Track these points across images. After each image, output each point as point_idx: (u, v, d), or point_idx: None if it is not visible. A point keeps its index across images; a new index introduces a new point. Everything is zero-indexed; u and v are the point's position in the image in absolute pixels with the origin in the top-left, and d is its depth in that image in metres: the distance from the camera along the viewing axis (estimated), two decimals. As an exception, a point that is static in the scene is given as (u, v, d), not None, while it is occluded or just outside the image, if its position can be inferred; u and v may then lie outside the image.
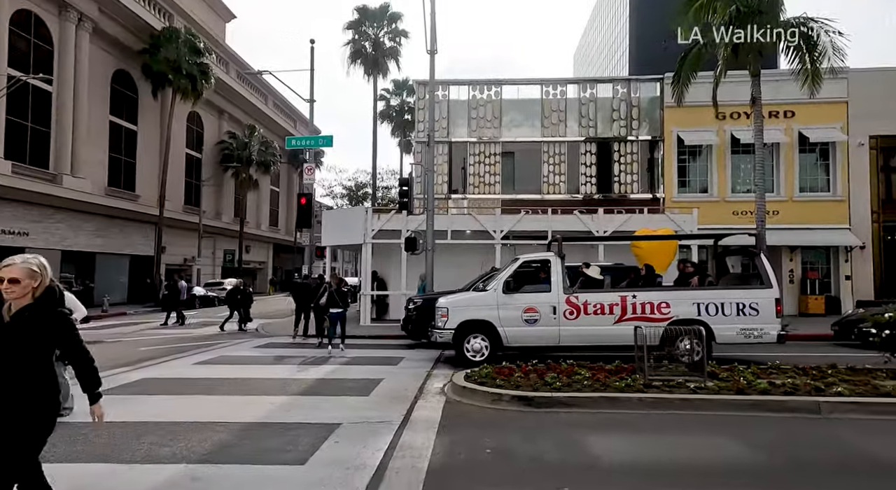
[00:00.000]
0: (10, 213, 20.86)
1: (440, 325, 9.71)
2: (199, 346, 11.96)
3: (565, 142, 21.43)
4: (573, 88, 21.78)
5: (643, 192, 21.30)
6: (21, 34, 21.19)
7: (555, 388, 6.36)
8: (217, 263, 37.44)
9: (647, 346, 6.87)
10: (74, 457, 4.54)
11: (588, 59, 75.44)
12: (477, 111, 21.37)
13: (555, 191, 21.40)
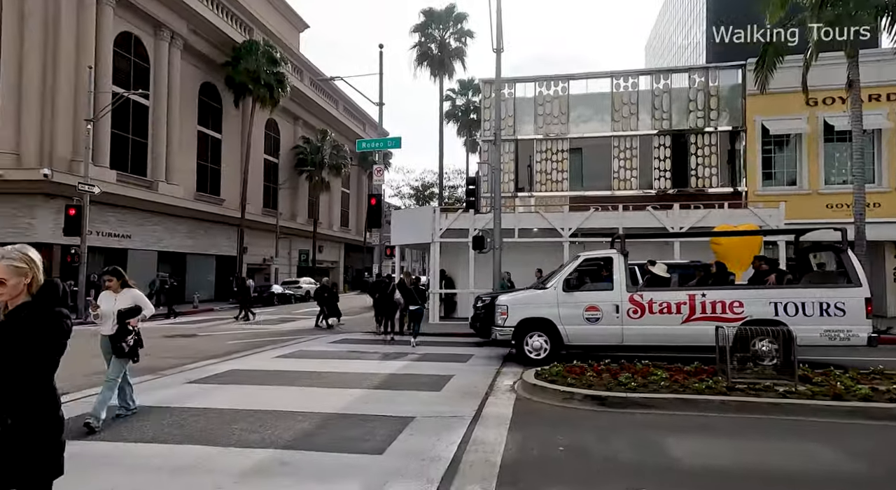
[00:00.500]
0: (115, 218, 22.98)
1: (500, 322, 9.72)
2: (278, 340, 12.65)
3: (637, 135, 20.68)
4: (645, 80, 20.96)
5: (723, 185, 20.15)
6: (123, 54, 23.29)
7: (629, 389, 6.20)
8: (293, 263, 39.33)
9: (728, 348, 6.53)
10: (177, 438, 4.97)
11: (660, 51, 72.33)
12: (543, 108, 21.08)
13: (626, 187, 20.70)
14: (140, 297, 5.64)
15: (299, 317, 19.98)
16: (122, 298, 5.56)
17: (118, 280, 5.62)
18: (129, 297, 5.58)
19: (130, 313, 5.46)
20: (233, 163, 31.20)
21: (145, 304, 5.62)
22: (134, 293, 5.64)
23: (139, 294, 5.67)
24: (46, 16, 19.92)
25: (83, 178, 18.74)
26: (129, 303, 5.53)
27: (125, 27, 23.25)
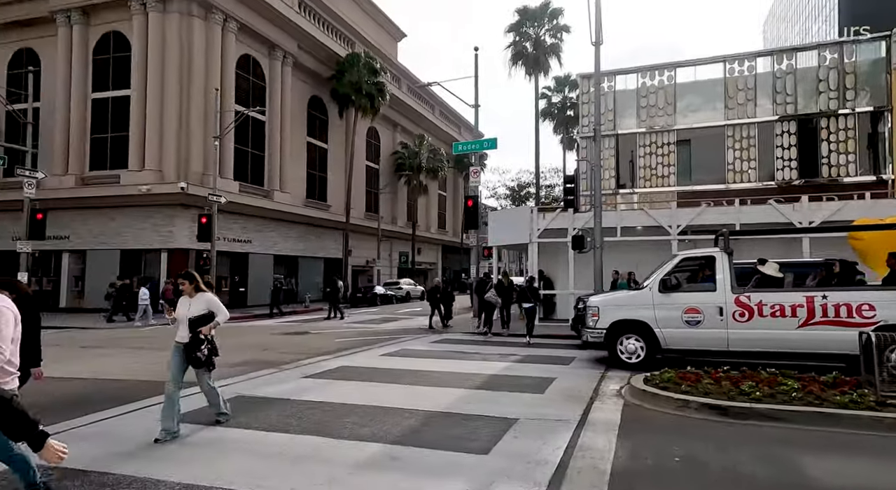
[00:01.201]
0: (238, 225, 25.31)
1: (591, 324, 9.34)
2: (383, 339, 13.17)
3: (755, 123, 18.92)
4: (764, 62, 19.13)
5: (863, 173, 17.82)
6: (243, 75, 25.64)
7: (754, 399, 5.66)
8: (393, 265, 40.82)
9: (878, 357, 5.73)
10: (296, 429, 5.33)
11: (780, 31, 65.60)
12: (647, 99, 19.99)
13: (742, 179, 19.02)
14: (214, 302, 5.25)
15: (401, 317, 20.67)
16: (196, 304, 5.18)
17: (191, 283, 5.24)
18: (202, 302, 5.19)
19: (202, 321, 5.11)
20: (338, 170, 33.07)
21: (219, 309, 5.22)
22: (208, 298, 5.24)
23: (214, 299, 5.27)
24: (182, 46, 22.44)
25: (212, 190, 20.87)
26: (202, 309, 5.16)
27: (245, 50, 25.56)
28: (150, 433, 5.05)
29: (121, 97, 23.05)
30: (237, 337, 14.02)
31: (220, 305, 5.24)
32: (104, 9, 22.92)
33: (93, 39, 23.41)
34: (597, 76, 14.46)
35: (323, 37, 29.88)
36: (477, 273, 19.14)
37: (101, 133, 23.43)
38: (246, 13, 24.69)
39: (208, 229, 20.69)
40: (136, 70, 22.50)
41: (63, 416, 5.72)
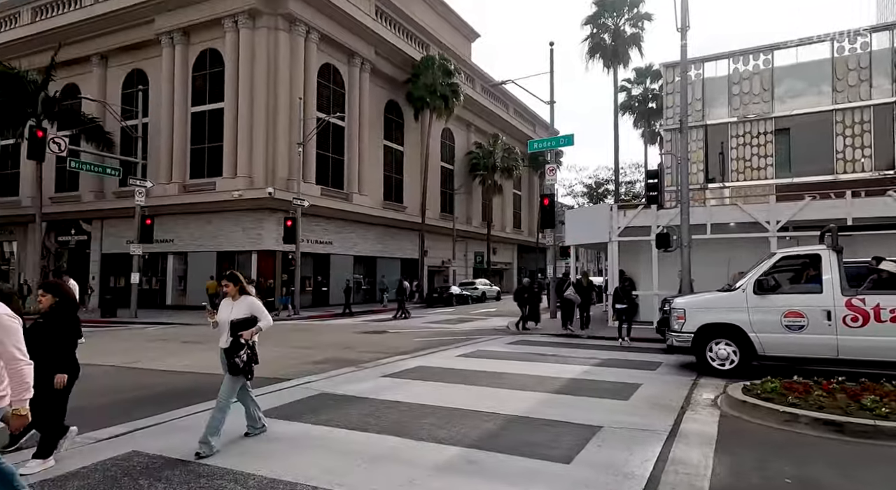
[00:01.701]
0: (320, 227, 26.41)
1: (676, 327, 8.70)
2: (459, 340, 13.16)
3: (870, 106, 16.98)
4: (882, 37, 17.12)
5: None
6: (324, 83, 26.72)
7: (879, 415, 5.00)
8: (469, 265, 40.89)
9: None
10: (374, 428, 5.38)
11: None
12: (740, 86, 18.55)
13: (854, 168, 17.14)
14: (257, 306, 4.95)
15: (476, 317, 20.61)
16: (238, 307, 4.91)
17: (235, 285, 4.98)
18: (245, 305, 4.91)
19: (244, 325, 4.81)
20: (413, 172, 33.63)
21: (262, 314, 4.92)
22: (251, 301, 4.95)
23: (256, 302, 4.97)
24: (269, 59, 23.75)
25: (296, 194, 21.93)
26: (244, 312, 4.87)
27: (326, 60, 26.64)
28: (242, 427, 5.31)
29: (216, 110, 24.81)
30: (320, 335, 14.59)
31: (263, 309, 4.96)
32: (202, 28, 24.78)
33: (192, 57, 25.39)
34: (683, 64, 13.58)
35: (398, 42, 30.53)
36: (554, 273, 18.67)
37: (200, 144, 25.35)
38: (326, 23, 25.72)
39: (293, 232, 21.75)
40: (229, 84, 24.11)
41: (164, 407, 6.16)
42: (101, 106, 25.16)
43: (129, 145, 25.11)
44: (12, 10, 29.96)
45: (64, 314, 4.41)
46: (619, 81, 34.94)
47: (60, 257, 28.71)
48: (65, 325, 4.41)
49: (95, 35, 26.85)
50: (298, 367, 8.96)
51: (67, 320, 4.43)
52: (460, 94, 32.14)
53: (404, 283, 21.28)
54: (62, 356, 4.37)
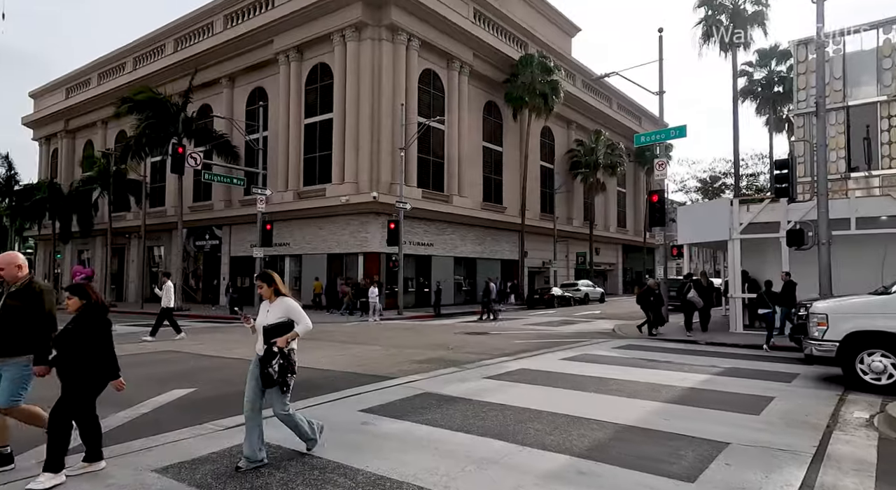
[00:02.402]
0: (421, 229, 27.06)
1: (816, 335, 7.64)
2: (562, 343, 12.73)
3: None
4: None
5: None
6: (424, 88, 27.39)
7: None
8: (570, 265, 39.69)
9: None
10: (479, 430, 5.30)
11: None
12: (892, 59, 16.09)
13: None
14: (294, 308, 4.41)
15: (579, 320, 19.88)
16: (274, 310, 4.42)
17: (269, 286, 4.46)
18: (280, 308, 4.41)
19: (278, 330, 4.30)
20: (512, 172, 33.35)
21: (300, 317, 4.37)
22: (287, 304, 4.43)
23: (293, 305, 4.43)
24: (373, 68, 24.80)
25: (399, 198, 22.66)
26: (279, 316, 4.38)
27: (426, 65, 27.29)
28: (351, 422, 5.50)
29: (326, 120, 26.41)
30: (421, 335, 14.88)
31: (300, 312, 4.40)
32: (313, 45, 26.52)
33: (304, 72, 27.26)
34: (819, 39, 12.04)
35: (497, 43, 30.48)
36: (665, 274, 17.46)
37: (311, 153, 27.12)
38: (426, 30, 26.36)
39: (396, 234, 22.50)
40: (337, 95, 25.54)
41: (283, 398, 6.56)
42: (228, 123, 27.87)
43: (251, 157, 27.51)
44: (158, 44, 34.21)
45: (92, 317, 4.15)
46: (738, 65, 31.94)
47: (197, 260, 32.17)
48: (94, 327, 4.13)
49: (224, 59, 29.79)
50: (402, 367, 9.16)
51: (97, 323, 4.15)
52: (560, 91, 31.33)
53: (490, 285, 21.23)
54: (97, 359, 4.08)
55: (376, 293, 20.67)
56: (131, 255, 35.20)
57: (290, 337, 4.32)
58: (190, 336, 14.26)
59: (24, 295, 4.14)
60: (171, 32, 33.35)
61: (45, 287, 4.30)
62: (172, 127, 25.00)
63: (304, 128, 27.33)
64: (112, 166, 30.19)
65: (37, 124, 43.64)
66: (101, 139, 37.72)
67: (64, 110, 40.29)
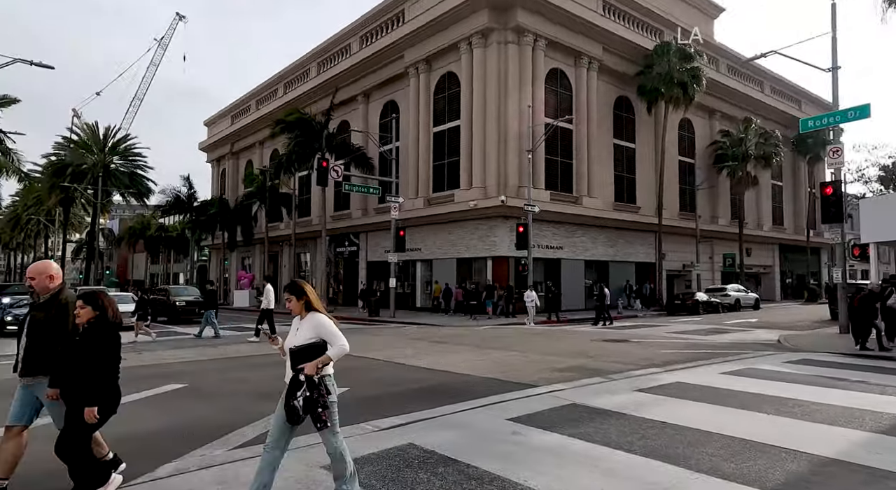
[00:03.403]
0: (549, 232, 26.41)
1: None
2: (717, 354, 11.46)
3: None
4: None
5: None
6: (551, 88, 26.79)
7: None
8: (716, 268, 36.11)
9: None
10: (641, 450, 4.84)
11: None
12: None
13: None
14: (326, 326, 3.57)
15: (732, 329, 17.86)
16: (303, 328, 3.63)
17: (299, 299, 3.66)
18: (310, 326, 3.60)
19: (307, 353, 3.48)
20: (647, 170, 31.26)
21: (333, 337, 3.55)
22: (318, 320, 3.60)
23: (325, 322, 3.59)
24: (499, 72, 24.81)
25: (527, 201, 22.33)
26: (309, 336, 3.56)
27: (552, 65, 26.69)
28: (499, 432, 5.37)
29: (453, 127, 26.98)
30: (556, 341, 14.39)
31: (334, 331, 3.56)
32: (441, 55, 27.30)
33: (433, 82, 28.15)
34: None
35: (629, 34, 28.88)
36: (844, 277, 14.96)
37: (440, 160, 27.89)
38: (553, 29, 25.79)
39: (525, 238, 22.19)
40: (464, 102, 25.96)
41: (430, 403, 6.64)
42: (364, 136, 29.76)
43: (385, 167, 29.05)
44: (304, 69, 37.76)
45: (102, 332, 3.55)
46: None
47: (338, 265, 34.74)
48: (103, 345, 3.52)
49: (360, 77, 31.89)
50: (542, 374, 8.85)
51: (106, 339, 3.54)
52: (702, 78, 28.72)
53: (605, 289, 20.47)
54: (97, 383, 3.48)
55: (533, 297, 20.58)
56: (284, 261, 39.07)
57: (322, 362, 3.46)
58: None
59: (49, 307, 3.76)
60: (315, 57, 36.57)
61: (72, 299, 3.79)
62: (317, 143, 27.28)
63: (433, 136, 28.18)
64: (267, 182, 33.83)
65: (209, 149, 50.50)
66: (259, 158, 42.48)
67: (230, 135, 46.10)
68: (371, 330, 18.41)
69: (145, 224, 58.93)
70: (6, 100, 22.97)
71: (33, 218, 53.70)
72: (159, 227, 57.91)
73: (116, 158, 43.14)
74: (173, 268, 61.50)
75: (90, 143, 42.87)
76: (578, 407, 6.47)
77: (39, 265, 3.97)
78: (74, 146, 42.88)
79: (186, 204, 40.77)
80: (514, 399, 6.91)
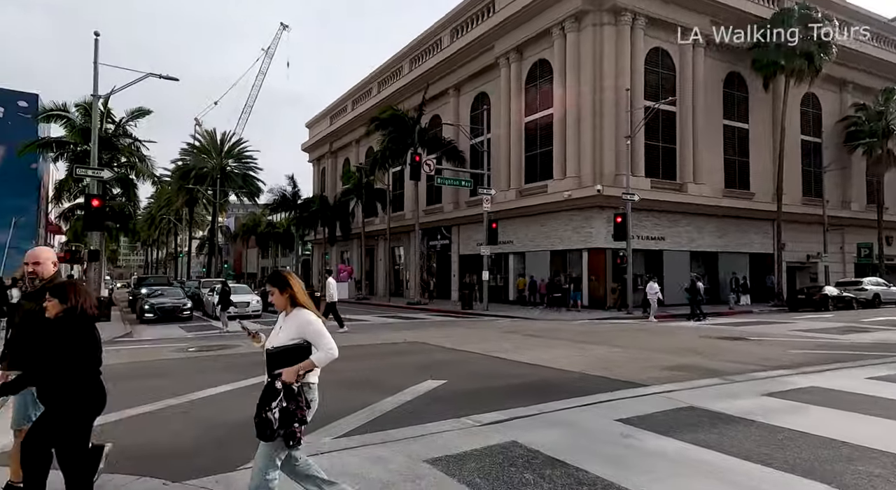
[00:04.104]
0: (650, 222, 24.85)
1: None
2: (859, 356, 10.02)
3: None
4: None
5: None
6: (651, 69, 25.10)
7: None
8: (847, 260, 32.06)
9: None
10: (781, 464, 4.25)
11: None
12: None
13: None
14: (310, 325, 3.07)
15: (873, 327, 15.65)
16: (287, 326, 3.13)
17: (282, 292, 3.17)
18: (294, 324, 3.11)
19: (287, 357, 2.99)
20: (762, 152, 28.42)
21: (319, 338, 3.04)
22: (302, 318, 3.10)
23: (310, 320, 3.09)
24: (594, 56, 23.66)
25: (625, 189, 21.15)
26: (291, 335, 3.08)
27: (653, 44, 25.00)
28: (608, 433, 5.00)
29: (545, 116, 26.21)
30: (660, 337, 13.46)
31: (320, 332, 3.06)
32: (532, 43, 26.60)
33: (524, 71, 27.52)
34: None
35: (741, 2, 26.30)
36: None
37: (532, 150, 27.24)
38: (653, 5, 24.15)
39: (623, 228, 21.05)
40: (557, 89, 25.08)
41: (531, 400, 6.38)
42: (454, 129, 29.83)
43: (475, 160, 28.94)
44: (397, 67, 38.65)
45: (71, 326, 3.02)
46: None
47: (430, 258, 35.28)
48: (72, 340, 3.00)
49: (450, 71, 32.00)
50: (650, 373, 8.24)
51: (76, 334, 3.02)
52: (831, 46, 25.48)
53: (697, 283, 19.30)
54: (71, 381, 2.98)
55: (656, 289, 19.48)
56: (379, 255, 40.41)
57: (303, 367, 2.96)
58: (430, 329, 15.49)
59: (37, 296, 3.25)
60: (407, 54, 37.26)
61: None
62: (409, 138, 27.77)
63: (525, 126, 27.58)
64: (363, 179, 35.09)
65: (310, 149, 53.45)
66: (355, 156, 44.22)
67: (328, 135, 48.44)
68: (465, 323, 18.42)
69: (256, 221, 63.83)
70: (141, 111, 25.71)
71: (165, 217, 60.20)
72: (268, 224, 62.44)
73: (231, 161, 47.01)
74: (281, 262, 66.06)
75: (209, 148, 47.13)
76: (696, 410, 5.89)
77: (43, 250, 3.61)
78: (196, 151, 47.41)
79: (291, 202, 43.43)
80: (621, 398, 6.46)
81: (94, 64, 17.68)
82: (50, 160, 26.94)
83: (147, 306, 19.43)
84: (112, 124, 24.45)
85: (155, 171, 33.09)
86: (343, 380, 7.72)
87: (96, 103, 18.82)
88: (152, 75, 18.40)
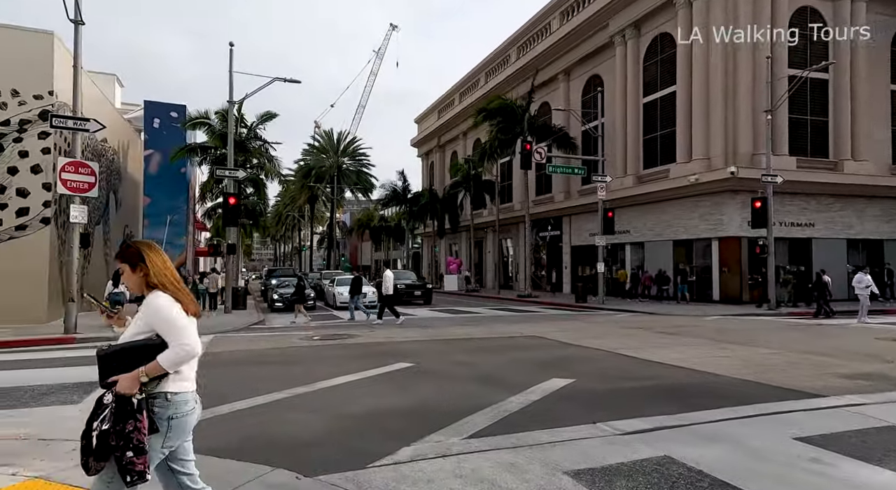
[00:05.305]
0: (795, 207, 21.87)
1: None
2: None
3: None
4: None
5: None
6: (799, 32, 21.90)
7: None
8: None
9: None
10: None
11: None
12: None
13: None
14: (162, 311, 2.25)
15: None
16: (137, 316, 2.35)
17: (134, 270, 2.35)
18: (143, 312, 2.30)
19: (125, 358, 2.19)
20: (946, 120, 23.77)
21: (173, 330, 2.22)
22: (155, 304, 2.27)
23: (164, 306, 2.25)
24: (726, 22, 21.06)
25: (765, 170, 18.73)
26: (140, 328, 2.29)
27: (801, 2, 21.86)
28: (787, 455, 4.13)
29: (667, 95, 24.09)
30: (818, 338, 11.59)
31: (172, 321, 2.24)
32: (651, 17, 24.55)
33: (642, 49, 25.51)
34: None
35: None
36: None
37: (651, 133, 25.23)
38: (797, -42, 21.10)
39: (763, 214, 18.69)
40: (681, 64, 22.89)
41: (673, 405, 5.60)
42: (565, 115, 28.55)
43: (588, 145, 27.49)
44: (504, 56, 37.95)
45: None
46: None
47: (540, 250, 34.32)
48: None
49: (559, 56, 30.68)
50: (822, 380, 6.95)
51: None
52: None
53: (823, 278, 17.50)
54: None
55: (868, 282, 15.14)
56: (488, 247, 40.17)
57: (149, 371, 2.17)
58: (544, 323, 14.84)
59: None
60: (514, 42, 36.40)
61: None
62: (518, 127, 27.05)
63: (643, 107, 25.61)
64: (471, 170, 34.96)
65: (419, 144, 54.62)
66: (462, 149, 44.31)
67: (437, 129, 49.07)
68: (582, 317, 17.49)
69: (369, 216, 66.78)
70: (269, 115, 27.72)
71: (290, 214, 65.15)
72: (380, 219, 65.06)
73: (346, 159, 49.45)
74: (392, 254, 68.53)
75: (327, 148, 50.01)
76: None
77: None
78: (316, 151, 50.58)
79: (401, 196, 44.64)
80: (793, 411, 5.44)
81: (230, 72, 19.22)
82: (195, 164, 30.07)
83: (276, 296, 20.97)
84: (245, 128, 26.59)
85: (281, 171, 35.70)
86: (472, 374, 7.44)
87: (232, 109, 20.48)
88: (278, 79, 19.62)
